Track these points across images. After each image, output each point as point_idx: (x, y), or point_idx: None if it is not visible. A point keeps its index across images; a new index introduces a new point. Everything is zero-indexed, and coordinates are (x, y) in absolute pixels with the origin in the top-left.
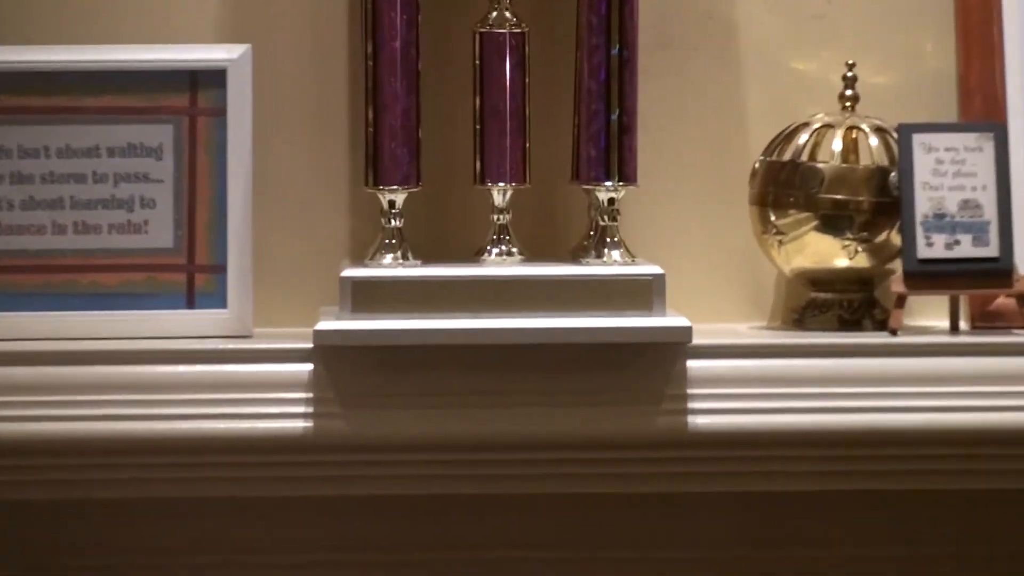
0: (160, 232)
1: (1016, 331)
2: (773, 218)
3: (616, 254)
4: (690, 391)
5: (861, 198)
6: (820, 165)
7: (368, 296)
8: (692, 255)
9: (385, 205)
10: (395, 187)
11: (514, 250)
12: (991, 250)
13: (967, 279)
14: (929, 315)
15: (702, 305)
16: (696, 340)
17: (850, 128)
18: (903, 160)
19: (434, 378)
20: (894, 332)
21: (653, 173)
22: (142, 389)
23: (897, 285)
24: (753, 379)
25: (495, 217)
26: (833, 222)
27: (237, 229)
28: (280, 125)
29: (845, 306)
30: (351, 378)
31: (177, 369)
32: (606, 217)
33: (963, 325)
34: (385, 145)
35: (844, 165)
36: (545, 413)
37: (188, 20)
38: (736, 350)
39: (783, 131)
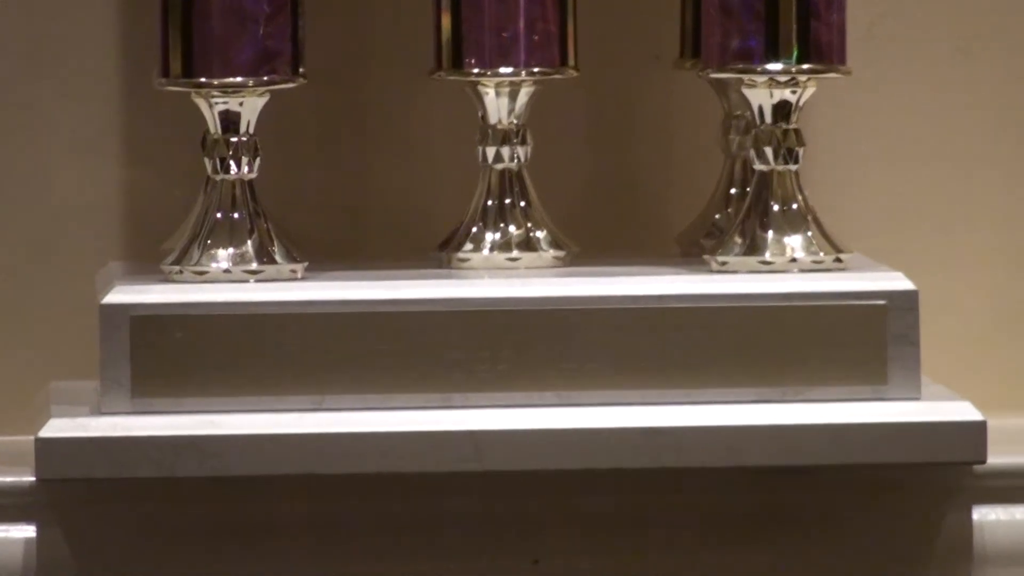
0: None
1: None
2: None
3: (796, 241)
4: None
5: None
6: None
7: (171, 353)
8: (961, 256)
9: (214, 126)
10: (238, 79)
11: (539, 236)
12: None
13: None
14: None
15: (992, 373)
16: (997, 456)
17: None
18: None
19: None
20: None
21: (878, 62)
22: None
23: None
24: None
25: (490, 155)
26: None
27: None
28: None
29: None
30: (131, 558)
31: None
32: (771, 154)
33: None
34: None
35: None
36: None
37: None
38: None
39: None
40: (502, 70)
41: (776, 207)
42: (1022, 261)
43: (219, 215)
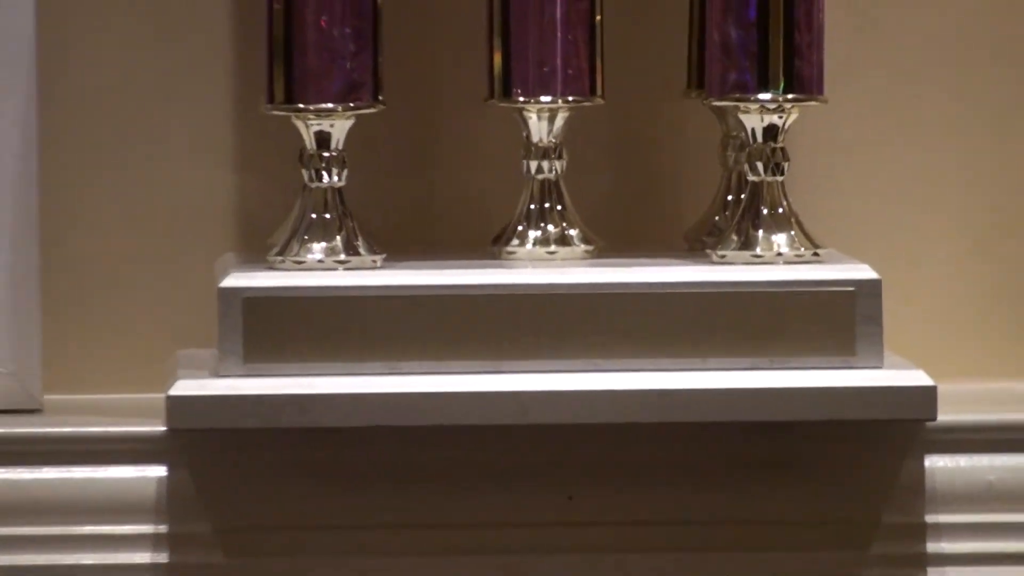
0: None
1: None
2: None
3: (782, 239)
4: (932, 518)
5: None
6: None
7: (275, 328)
8: (920, 249)
9: (310, 143)
10: (329, 105)
11: (572, 233)
12: None
13: None
14: None
15: (946, 346)
16: (945, 415)
17: None
18: None
19: (422, 496)
20: None
21: (848, 90)
22: None
23: None
24: None
25: (532, 168)
26: None
27: (12, 219)
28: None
29: None
30: (244, 492)
31: None
32: (761, 167)
33: None
34: (308, 24)
35: None
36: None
37: None
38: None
39: None
40: (543, 99)
41: (765, 211)
42: (973, 254)
43: (314, 216)
